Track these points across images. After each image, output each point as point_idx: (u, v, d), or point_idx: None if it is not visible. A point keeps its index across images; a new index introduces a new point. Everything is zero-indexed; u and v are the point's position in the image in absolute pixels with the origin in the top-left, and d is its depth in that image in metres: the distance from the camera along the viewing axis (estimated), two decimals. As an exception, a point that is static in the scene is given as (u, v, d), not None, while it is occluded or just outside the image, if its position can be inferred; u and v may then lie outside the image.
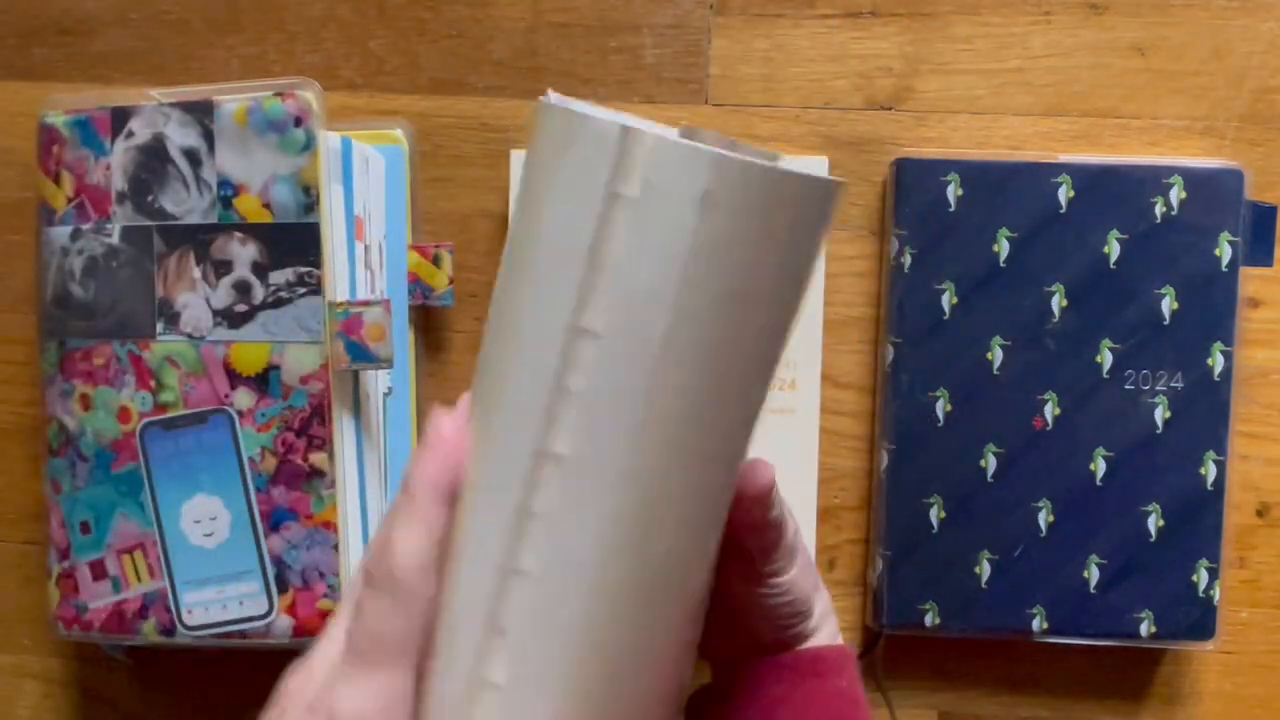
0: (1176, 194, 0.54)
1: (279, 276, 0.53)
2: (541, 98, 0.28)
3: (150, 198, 0.55)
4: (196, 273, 0.54)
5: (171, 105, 0.54)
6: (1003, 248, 0.55)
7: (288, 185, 0.53)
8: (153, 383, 0.54)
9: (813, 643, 0.41)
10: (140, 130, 0.55)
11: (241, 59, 0.59)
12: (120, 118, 0.55)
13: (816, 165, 0.56)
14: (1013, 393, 0.55)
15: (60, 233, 0.56)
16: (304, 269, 0.53)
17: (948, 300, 0.55)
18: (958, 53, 0.57)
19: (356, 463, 0.55)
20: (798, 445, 0.57)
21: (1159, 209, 0.55)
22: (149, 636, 0.55)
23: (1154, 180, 0.55)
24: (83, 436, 0.55)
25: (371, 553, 0.31)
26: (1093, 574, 0.55)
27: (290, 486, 0.53)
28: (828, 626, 0.42)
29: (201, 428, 0.54)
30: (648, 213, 0.26)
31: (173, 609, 0.55)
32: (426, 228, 0.59)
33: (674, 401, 0.28)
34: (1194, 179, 0.54)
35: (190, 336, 0.54)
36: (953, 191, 0.55)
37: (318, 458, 0.53)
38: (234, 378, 0.54)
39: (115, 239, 0.55)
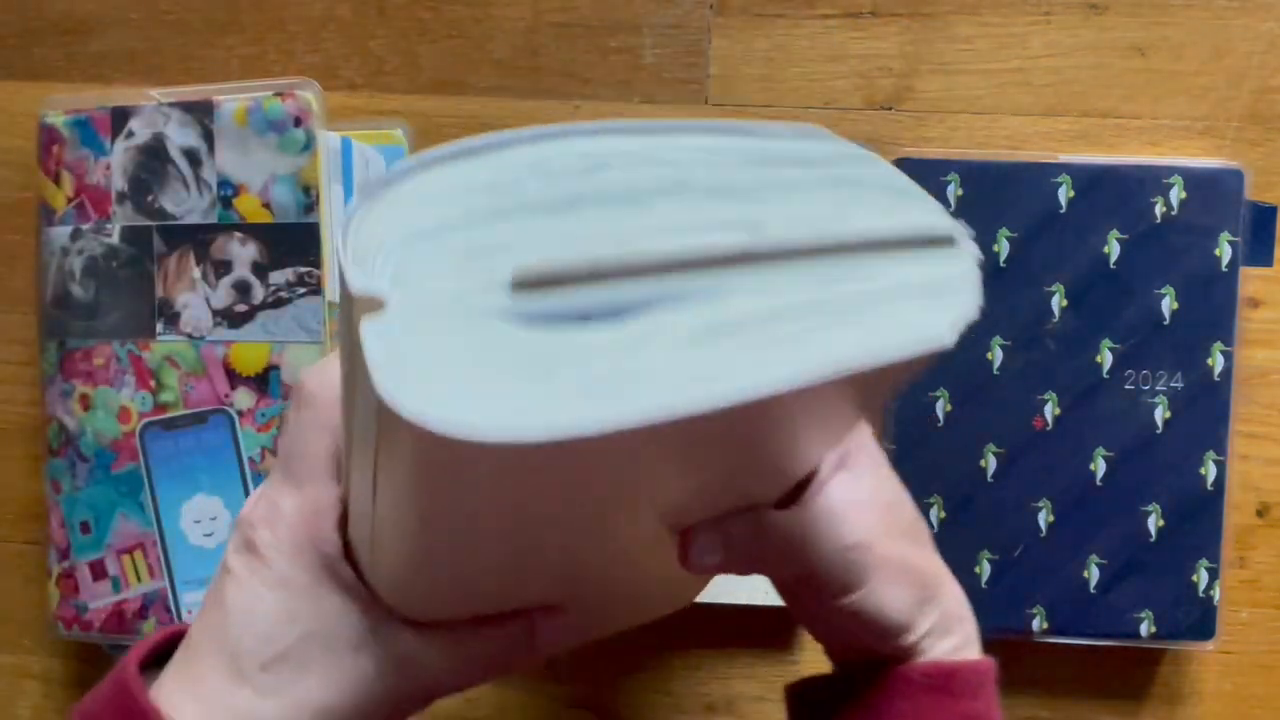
0: (1176, 194, 0.54)
1: (279, 276, 0.53)
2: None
3: (150, 198, 0.55)
4: (196, 273, 0.54)
5: (171, 105, 0.54)
6: (1003, 248, 0.55)
7: (287, 185, 0.53)
8: (153, 383, 0.54)
9: (932, 655, 0.38)
10: (140, 130, 0.55)
11: (241, 59, 0.59)
12: (120, 118, 0.55)
13: None
14: (1013, 393, 0.55)
15: (60, 233, 0.56)
16: (304, 269, 0.53)
17: (948, 300, 0.55)
18: (958, 53, 0.57)
19: (356, 463, 0.55)
20: (798, 445, 0.57)
21: (1159, 209, 0.54)
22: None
23: (1154, 180, 0.54)
24: (83, 436, 0.55)
25: (298, 377, 0.34)
26: (1093, 574, 0.55)
27: (290, 486, 0.53)
28: (951, 639, 0.38)
29: (201, 428, 0.54)
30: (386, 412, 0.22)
31: (173, 609, 0.55)
32: (426, 228, 0.59)
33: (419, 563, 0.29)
34: (1194, 179, 0.54)
35: (190, 336, 0.54)
36: (953, 191, 0.55)
37: (318, 458, 0.53)
38: (234, 378, 0.54)
39: (115, 239, 0.55)
